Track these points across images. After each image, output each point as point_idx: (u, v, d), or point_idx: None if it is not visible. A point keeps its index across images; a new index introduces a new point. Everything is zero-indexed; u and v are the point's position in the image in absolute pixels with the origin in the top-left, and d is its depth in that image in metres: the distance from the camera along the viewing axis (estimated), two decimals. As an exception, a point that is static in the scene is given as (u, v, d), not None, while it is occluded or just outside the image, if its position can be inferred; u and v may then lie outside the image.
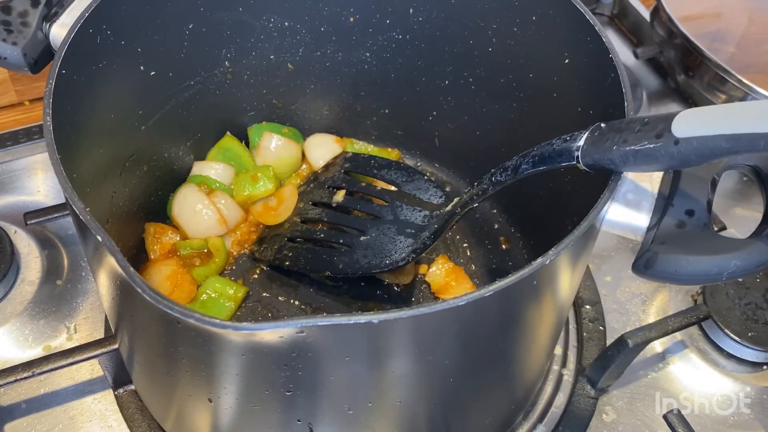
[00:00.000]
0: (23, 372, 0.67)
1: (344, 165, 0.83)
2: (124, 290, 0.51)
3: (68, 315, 0.79)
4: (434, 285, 0.78)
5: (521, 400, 0.72)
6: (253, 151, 0.86)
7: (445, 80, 0.81)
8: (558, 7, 0.65)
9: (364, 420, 0.55)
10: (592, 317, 0.81)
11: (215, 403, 0.55)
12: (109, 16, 0.63)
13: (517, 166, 0.56)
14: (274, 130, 0.86)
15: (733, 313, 0.78)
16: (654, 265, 0.51)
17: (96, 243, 0.47)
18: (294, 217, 0.81)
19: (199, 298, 0.75)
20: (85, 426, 0.72)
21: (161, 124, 0.76)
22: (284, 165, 0.85)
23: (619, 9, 1.19)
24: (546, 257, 0.46)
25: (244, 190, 0.81)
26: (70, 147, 0.56)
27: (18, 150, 0.94)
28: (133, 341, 0.61)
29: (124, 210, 0.74)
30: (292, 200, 0.83)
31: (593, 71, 0.62)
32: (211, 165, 0.84)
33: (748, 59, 1.00)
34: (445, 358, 0.52)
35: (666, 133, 0.45)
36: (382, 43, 0.81)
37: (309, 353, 0.46)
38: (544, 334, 0.62)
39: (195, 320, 0.42)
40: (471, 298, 0.44)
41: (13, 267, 0.81)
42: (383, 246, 0.73)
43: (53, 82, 0.55)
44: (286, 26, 0.79)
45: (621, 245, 0.88)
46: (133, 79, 0.69)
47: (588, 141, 0.50)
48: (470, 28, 0.75)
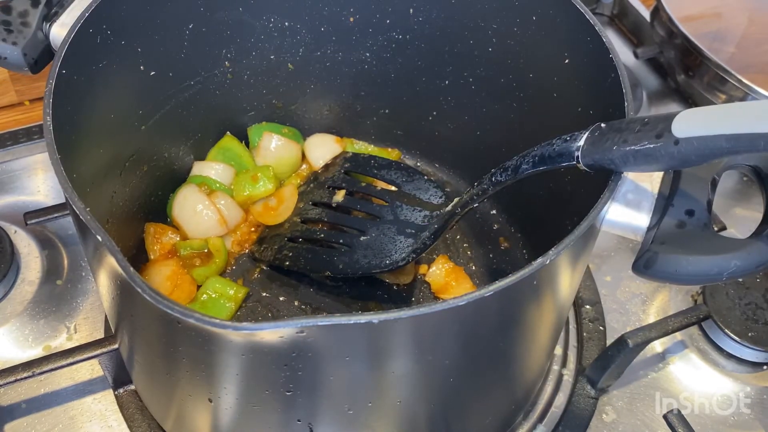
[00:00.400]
0: (23, 372, 0.67)
1: (344, 165, 0.83)
2: (124, 290, 0.51)
3: (68, 315, 0.79)
4: (434, 285, 0.78)
5: (521, 400, 0.72)
6: (253, 151, 0.86)
7: (445, 80, 0.81)
8: (558, 7, 0.65)
9: (364, 420, 0.55)
10: (592, 317, 0.81)
11: (215, 403, 0.55)
12: (109, 16, 0.63)
13: (517, 166, 0.56)
14: (274, 130, 0.86)
15: (733, 313, 0.78)
16: (654, 265, 0.51)
17: (96, 243, 0.47)
18: (294, 217, 0.81)
19: (199, 299, 0.75)
20: (85, 426, 0.72)
21: (161, 124, 0.76)
22: (284, 165, 0.85)
23: (619, 9, 1.19)
24: (546, 257, 0.46)
25: (244, 190, 0.81)
26: (70, 147, 0.56)
27: (18, 150, 0.94)
28: (133, 341, 0.61)
29: (124, 210, 0.74)
30: (292, 200, 0.83)
31: (593, 71, 0.62)
32: (211, 165, 0.84)
33: (748, 59, 1.00)
34: (446, 358, 0.52)
35: (666, 133, 0.45)
36: (382, 43, 0.81)
37: (309, 353, 0.46)
38: (544, 334, 0.62)
39: (195, 320, 0.42)
40: (471, 298, 0.44)
41: (13, 267, 0.81)
42: (383, 246, 0.73)
43: (53, 82, 0.55)
44: (286, 26, 0.79)
45: (621, 245, 0.88)
46: (133, 79, 0.69)
47: (588, 141, 0.50)
48: (470, 28, 0.75)
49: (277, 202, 0.83)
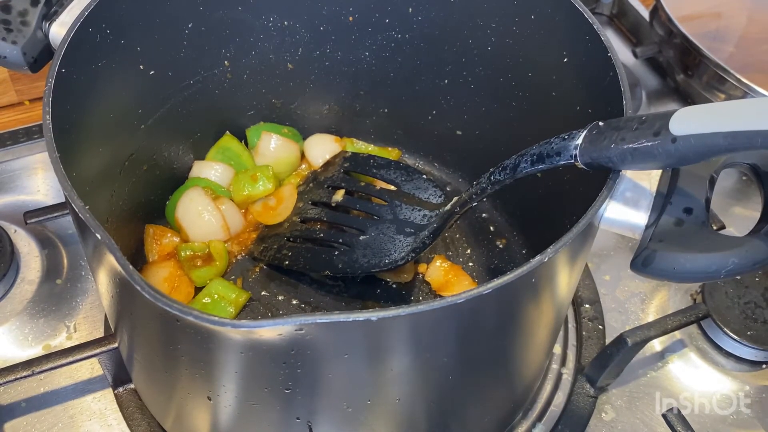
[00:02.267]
0: (23, 371, 0.67)
1: (343, 165, 0.83)
2: (123, 288, 0.51)
3: (68, 314, 0.80)
4: (434, 283, 0.78)
5: (520, 399, 0.72)
6: (252, 151, 0.86)
7: (445, 79, 0.81)
8: (557, 7, 0.65)
9: (363, 418, 0.55)
10: (591, 316, 0.81)
11: (215, 401, 0.55)
12: (109, 15, 0.63)
13: (516, 165, 0.56)
14: (273, 130, 0.86)
15: (733, 311, 0.78)
16: (652, 262, 0.51)
17: (95, 241, 0.47)
18: (293, 217, 0.81)
19: (200, 300, 0.75)
20: (85, 425, 0.72)
21: (161, 123, 0.76)
22: (283, 165, 0.85)
23: (618, 8, 1.19)
24: (544, 255, 0.47)
25: (243, 190, 0.81)
26: (69, 146, 0.56)
27: (18, 149, 0.95)
28: (132, 340, 0.61)
29: (123, 209, 0.74)
30: (292, 200, 0.83)
31: (592, 70, 0.62)
32: (211, 165, 0.84)
33: (748, 59, 1.00)
34: (444, 356, 0.52)
35: (663, 131, 0.45)
36: (381, 43, 0.81)
37: (308, 351, 0.46)
38: (543, 333, 0.62)
39: (194, 318, 0.42)
40: (470, 295, 0.44)
41: (12, 266, 0.81)
42: (383, 245, 0.73)
43: (53, 81, 0.55)
44: (285, 25, 0.79)
45: (620, 244, 0.88)
46: (132, 78, 0.70)
47: (586, 139, 0.50)
48: (469, 27, 0.75)
49: (276, 202, 0.83)
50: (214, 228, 0.79)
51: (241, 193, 0.82)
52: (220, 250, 0.78)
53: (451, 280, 0.78)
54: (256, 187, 0.81)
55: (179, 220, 0.80)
